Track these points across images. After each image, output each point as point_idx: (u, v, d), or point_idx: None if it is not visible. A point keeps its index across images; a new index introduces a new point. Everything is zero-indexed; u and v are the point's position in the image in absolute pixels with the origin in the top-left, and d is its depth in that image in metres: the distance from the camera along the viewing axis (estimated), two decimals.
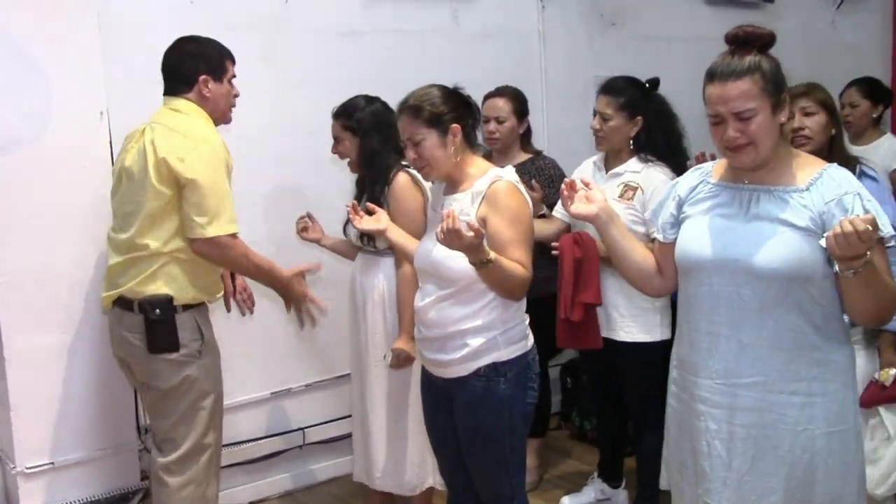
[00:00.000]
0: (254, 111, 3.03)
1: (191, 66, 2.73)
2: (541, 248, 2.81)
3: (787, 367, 1.96)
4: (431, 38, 3.97)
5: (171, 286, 2.68)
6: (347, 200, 3.13)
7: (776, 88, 1.93)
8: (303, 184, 3.62)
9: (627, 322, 3.10)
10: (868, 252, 1.73)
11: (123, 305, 2.73)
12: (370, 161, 3.03)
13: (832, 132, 2.79)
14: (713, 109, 1.95)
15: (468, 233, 2.12)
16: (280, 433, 3.74)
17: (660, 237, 2.19)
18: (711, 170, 2.14)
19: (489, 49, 4.14)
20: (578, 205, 2.15)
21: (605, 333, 3.14)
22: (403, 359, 2.91)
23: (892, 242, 1.91)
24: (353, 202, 2.71)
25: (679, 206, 2.14)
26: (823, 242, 1.76)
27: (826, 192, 1.92)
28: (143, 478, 3.24)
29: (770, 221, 1.95)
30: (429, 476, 3.10)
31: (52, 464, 3.10)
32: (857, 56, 5.43)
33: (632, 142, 3.10)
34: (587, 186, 2.17)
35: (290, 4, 3.60)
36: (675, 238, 2.13)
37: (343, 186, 3.31)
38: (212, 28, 3.33)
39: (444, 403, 2.50)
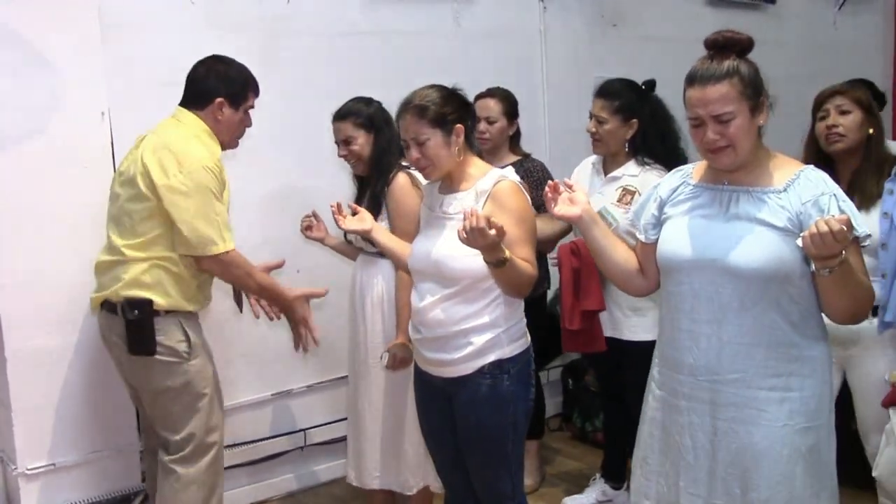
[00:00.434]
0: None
1: (213, 86, 2.75)
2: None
3: (766, 364, 2.01)
4: (432, 39, 3.98)
5: (152, 291, 2.68)
6: (350, 201, 3.13)
7: (754, 92, 1.99)
8: (304, 184, 3.61)
9: (632, 321, 3.11)
10: (843, 251, 1.78)
11: (109, 308, 2.75)
12: (381, 156, 3.03)
13: (869, 131, 2.79)
14: (693, 112, 2.01)
15: (490, 231, 2.12)
16: (281, 434, 3.74)
17: (642, 238, 2.24)
18: (692, 171, 2.20)
19: (490, 50, 4.14)
20: (562, 206, 2.20)
21: (610, 333, 3.15)
22: (400, 360, 2.90)
23: (867, 242, 1.97)
24: (338, 202, 2.69)
25: (660, 207, 2.20)
26: (800, 242, 1.81)
27: (803, 193, 1.97)
28: (144, 479, 3.24)
29: (749, 221, 2.00)
30: (427, 477, 3.09)
31: (53, 465, 3.10)
32: (859, 56, 5.43)
33: (627, 144, 3.10)
34: (570, 188, 2.22)
35: (292, 5, 3.60)
36: (657, 238, 2.19)
37: (344, 187, 3.30)
38: (213, 28, 3.35)
39: (442, 404, 2.50)
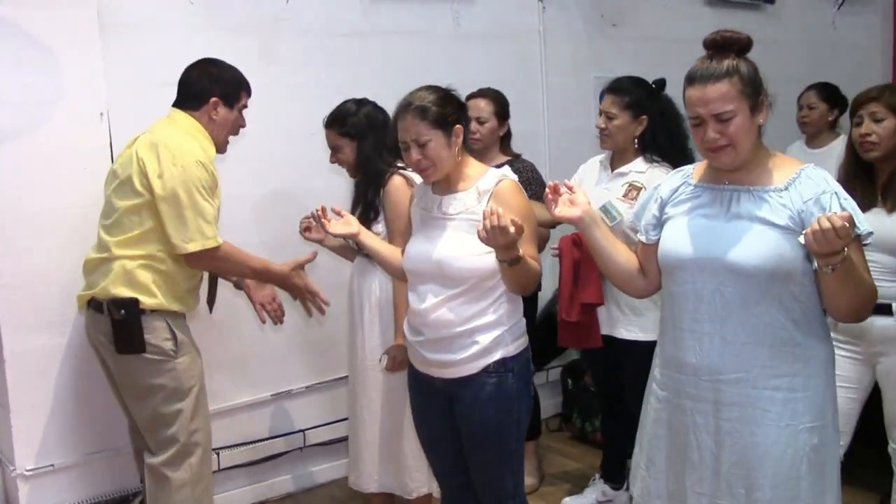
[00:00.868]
0: (253, 112, 3.02)
1: (207, 86, 2.79)
2: None
3: (770, 363, 2.00)
4: (432, 40, 3.97)
5: (139, 290, 2.69)
6: (346, 202, 3.13)
7: (754, 91, 1.99)
8: (302, 185, 3.61)
9: (629, 320, 3.10)
10: (846, 248, 1.78)
11: (96, 307, 2.76)
12: (368, 164, 3.03)
13: None
14: (693, 111, 2.01)
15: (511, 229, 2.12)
16: (280, 435, 3.73)
17: (642, 238, 2.24)
18: (692, 171, 2.20)
19: (489, 50, 4.14)
20: (562, 208, 2.20)
21: (608, 331, 3.14)
22: (399, 362, 2.90)
23: (868, 240, 1.97)
24: (322, 206, 2.68)
25: (661, 208, 2.20)
26: (802, 239, 1.81)
27: (804, 191, 1.97)
28: (142, 480, 3.24)
29: (750, 220, 2.00)
30: (426, 482, 3.08)
31: (52, 466, 3.09)
32: (858, 57, 5.44)
33: (637, 141, 3.10)
34: (571, 189, 2.22)
35: (291, 5, 3.60)
36: (658, 239, 2.18)
37: (342, 188, 3.30)
38: (211, 28, 3.35)
39: (442, 405, 2.49)
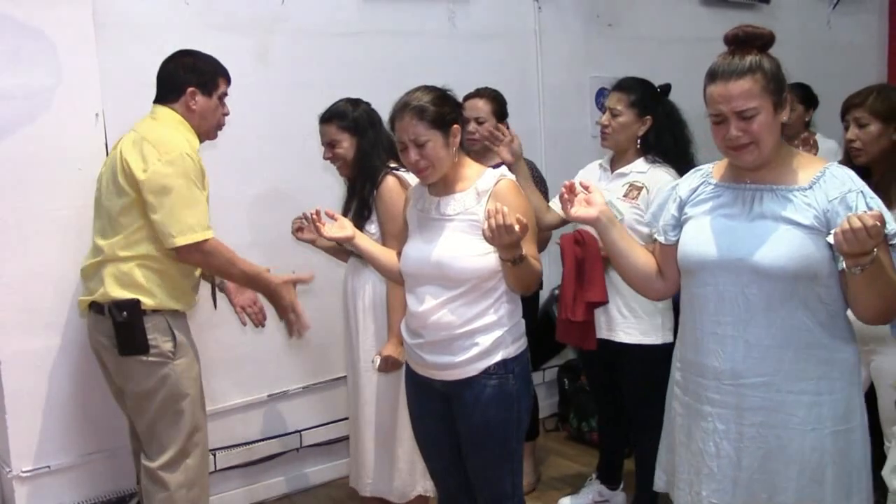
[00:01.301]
0: (249, 112, 3.02)
1: (182, 77, 2.77)
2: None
3: (795, 367, 1.96)
4: (428, 40, 3.97)
5: (138, 291, 2.68)
6: (340, 202, 3.12)
7: (777, 87, 1.94)
8: (295, 185, 3.60)
9: (629, 323, 3.09)
10: (875, 248, 1.74)
11: (97, 310, 2.75)
12: (364, 160, 3.02)
13: (894, 137, 2.73)
14: (715, 109, 1.96)
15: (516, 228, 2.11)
16: (276, 436, 3.73)
17: (661, 239, 2.18)
18: (712, 170, 2.14)
19: (485, 50, 4.13)
20: (578, 208, 2.15)
21: (605, 334, 3.13)
22: (391, 363, 2.90)
23: (895, 240, 1.89)
24: (317, 209, 2.67)
25: (680, 208, 2.14)
26: (831, 239, 1.76)
27: (829, 190, 1.93)
28: (139, 481, 3.23)
29: (774, 220, 1.95)
30: (418, 483, 3.07)
31: (48, 467, 3.08)
32: (853, 56, 5.45)
33: (639, 142, 3.10)
34: (587, 189, 2.17)
35: (287, 5, 3.59)
36: (677, 240, 2.13)
37: (335, 188, 3.30)
38: (207, 28, 3.35)
39: (440, 407, 2.48)
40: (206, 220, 2.68)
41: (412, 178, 2.64)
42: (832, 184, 1.93)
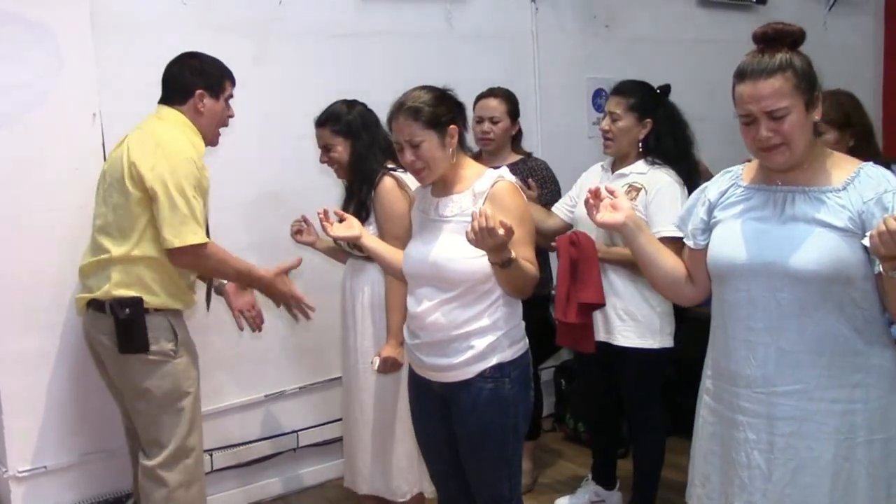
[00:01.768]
0: (246, 113, 3.01)
1: (190, 80, 2.79)
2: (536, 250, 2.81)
3: (828, 374, 1.89)
4: (425, 41, 3.97)
5: (141, 290, 2.69)
6: (339, 204, 3.12)
7: (809, 86, 1.89)
8: (294, 187, 3.60)
9: (627, 326, 3.08)
10: None
11: (97, 307, 2.74)
12: (360, 163, 3.02)
13: (850, 144, 2.68)
14: (744, 109, 1.90)
15: (499, 231, 2.09)
16: (273, 436, 3.73)
17: (690, 244, 2.12)
18: (742, 172, 2.08)
19: (483, 51, 4.14)
20: (604, 213, 2.10)
21: (603, 337, 3.12)
22: (391, 364, 2.90)
23: None
24: (325, 209, 2.67)
25: (709, 211, 2.08)
26: (867, 241, 1.70)
27: (864, 191, 1.86)
28: (136, 481, 3.23)
29: (807, 222, 1.89)
30: (417, 482, 3.08)
31: (45, 468, 3.08)
32: (849, 58, 5.44)
33: (640, 145, 3.10)
34: (613, 195, 2.12)
35: (284, 6, 3.59)
36: (707, 244, 2.07)
37: (334, 190, 3.30)
38: (204, 29, 3.34)
39: (439, 408, 2.48)
40: (203, 226, 2.68)
41: (410, 179, 2.64)
42: (867, 184, 1.87)
